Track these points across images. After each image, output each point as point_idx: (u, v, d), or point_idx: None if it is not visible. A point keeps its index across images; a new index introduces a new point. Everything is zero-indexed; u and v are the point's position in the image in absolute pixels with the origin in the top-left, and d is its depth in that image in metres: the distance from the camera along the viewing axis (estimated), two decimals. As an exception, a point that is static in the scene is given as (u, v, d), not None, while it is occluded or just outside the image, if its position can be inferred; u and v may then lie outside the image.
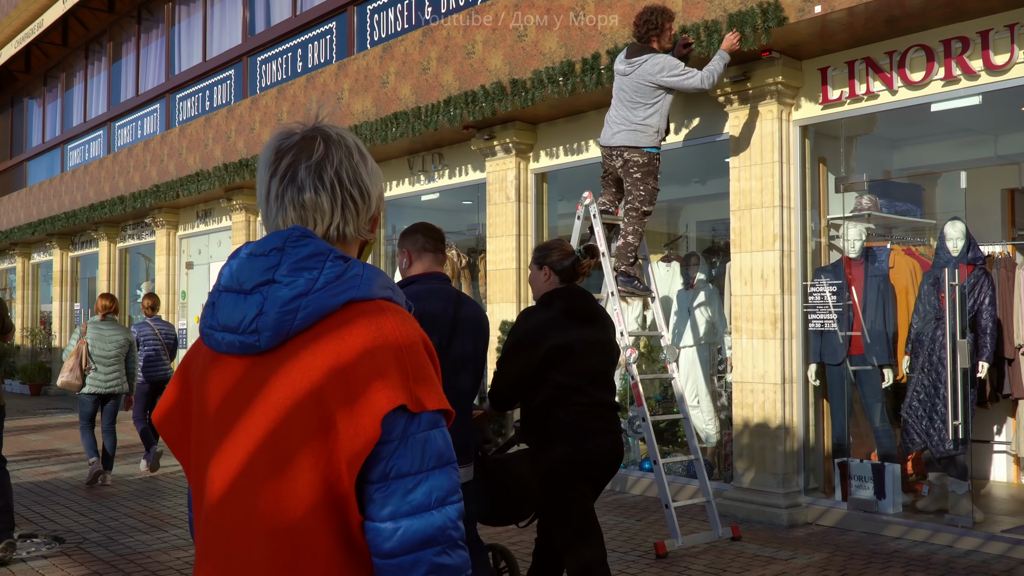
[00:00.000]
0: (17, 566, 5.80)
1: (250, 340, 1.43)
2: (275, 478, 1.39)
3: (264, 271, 1.45)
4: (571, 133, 8.94)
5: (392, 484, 1.37)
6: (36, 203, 19.72)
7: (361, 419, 1.35)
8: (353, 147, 1.55)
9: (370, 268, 1.49)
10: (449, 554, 1.38)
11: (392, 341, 1.40)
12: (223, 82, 14.93)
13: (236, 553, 1.41)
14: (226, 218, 14.48)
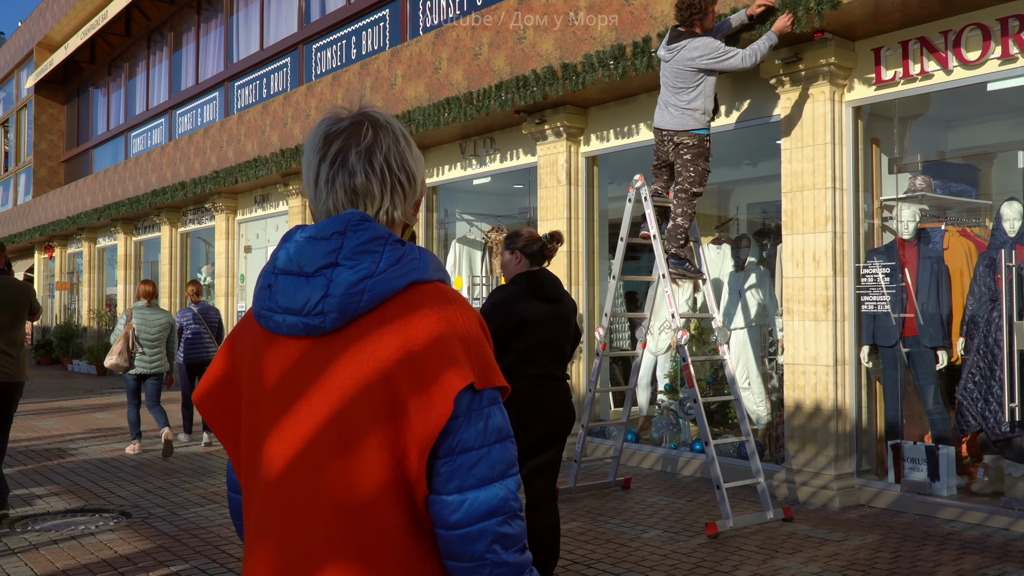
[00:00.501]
0: (87, 539, 6.06)
1: (315, 322, 1.46)
2: (342, 456, 1.42)
3: (327, 254, 1.47)
4: (622, 116, 8.96)
5: (458, 458, 1.42)
6: (101, 189, 20.27)
7: (433, 399, 1.41)
8: (399, 133, 1.59)
9: (425, 251, 1.54)
10: (510, 524, 1.44)
11: (458, 326, 1.46)
12: (279, 70, 15.19)
13: (300, 529, 1.44)
14: (283, 203, 14.75)
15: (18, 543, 5.93)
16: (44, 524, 6.51)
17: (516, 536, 1.45)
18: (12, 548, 5.80)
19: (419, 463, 1.42)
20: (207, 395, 1.61)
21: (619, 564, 5.41)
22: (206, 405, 1.61)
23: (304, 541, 1.44)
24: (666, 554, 5.61)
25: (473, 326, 1.49)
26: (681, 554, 5.62)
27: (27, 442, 10.37)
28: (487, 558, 1.42)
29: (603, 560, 5.49)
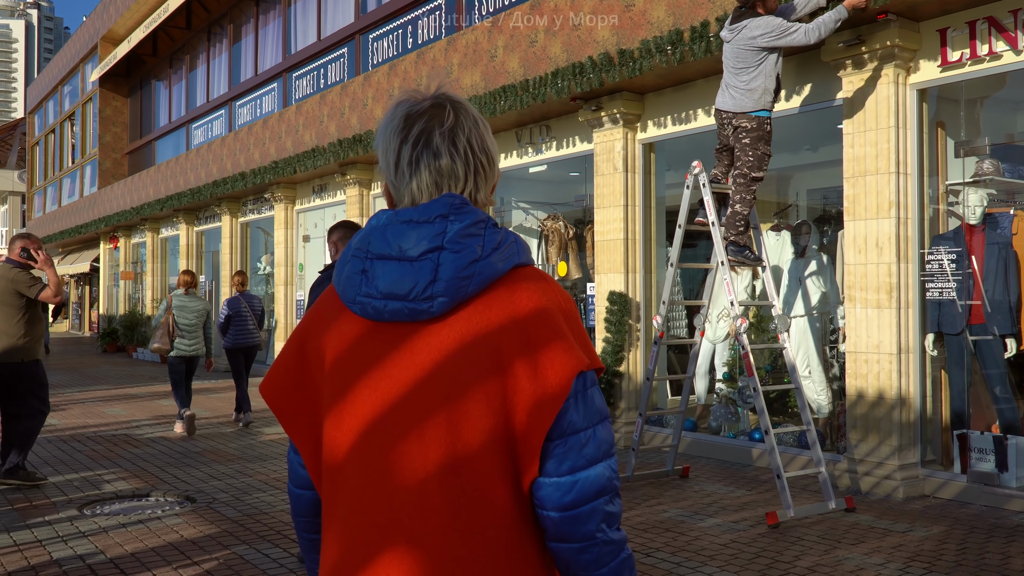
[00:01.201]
0: (154, 523, 6.21)
1: (423, 307, 1.44)
2: (452, 441, 1.42)
3: (432, 238, 1.46)
4: (679, 102, 8.87)
5: (570, 440, 1.44)
6: (164, 180, 20.67)
7: (546, 372, 1.42)
8: (477, 116, 1.58)
9: (518, 236, 1.54)
10: (613, 502, 1.47)
11: (559, 304, 1.48)
12: (337, 60, 15.31)
13: (410, 517, 1.43)
14: (340, 192, 14.89)
15: (88, 526, 6.10)
16: (112, 508, 6.68)
17: (618, 514, 1.48)
18: (83, 531, 5.97)
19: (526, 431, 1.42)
20: (277, 387, 1.60)
21: (678, 553, 5.38)
22: (276, 398, 1.59)
23: (414, 527, 1.43)
24: (725, 543, 5.57)
25: (571, 304, 1.52)
26: (741, 543, 5.57)
27: (95, 428, 10.65)
28: (597, 537, 1.45)
29: (662, 549, 5.47)
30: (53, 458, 8.61)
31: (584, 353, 1.48)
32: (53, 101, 33.26)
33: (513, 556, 1.44)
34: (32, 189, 36.87)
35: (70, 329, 35.94)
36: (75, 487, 7.31)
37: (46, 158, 34.45)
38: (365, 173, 13.89)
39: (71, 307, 36.57)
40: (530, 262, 1.54)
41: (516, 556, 1.45)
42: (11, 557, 5.37)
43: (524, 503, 1.46)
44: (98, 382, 16.13)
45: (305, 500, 1.67)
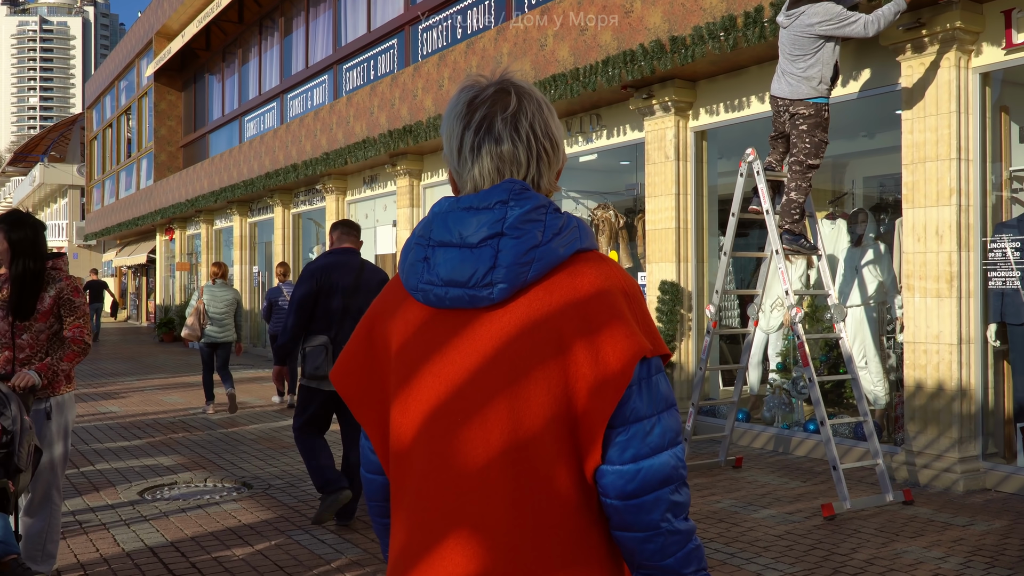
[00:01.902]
0: (212, 508, 6.32)
1: (483, 293, 1.44)
2: (514, 427, 1.42)
3: (492, 224, 1.45)
4: (732, 89, 8.77)
5: (632, 427, 1.42)
6: (218, 172, 20.98)
7: (608, 358, 1.40)
8: (542, 100, 1.56)
9: (580, 220, 1.53)
10: (680, 491, 1.44)
11: (622, 288, 1.46)
12: (386, 51, 15.39)
13: (474, 502, 1.43)
14: (391, 183, 14.98)
15: (150, 511, 6.23)
16: (172, 493, 6.82)
17: (685, 504, 1.45)
18: (144, 515, 6.10)
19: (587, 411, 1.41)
20: (345, 373, 1.61)
21: (732, 543, 5.34)
22: (345, 384, 1.61)
23: (477, 512, 1.43)
24: (780, 534, 5.51)
25: (635, 289, 1.50)
26: (796, 535, 5.51)
27: (154, 415, 10.86)
28: (661, 527, 1.43)
29: (715, 539, 5.43)
30: (115, 444, 8.80)
31: (648, 339, 1.46)
32: (110, 96, 33.91)
33: (576, 542, 1.43)
34: (91, 182, 37.67)
35: (128, 319, 36.68)
36: (136, 473, 7.47)
37: (104, 152, 35.16)
38: (415, 164, 13.95)
39: (129, 298, 37.33)
40: (593, 247, 1.51)
41: (579, 543, 1.44)
42: (77, 539, 5.51)
43: (587, 490, 1.45)
44: (156, 371, 16.45)
45: (376, 485, 1.69)
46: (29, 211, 4.71)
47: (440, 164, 13.63)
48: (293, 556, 5.19)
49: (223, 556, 5.19)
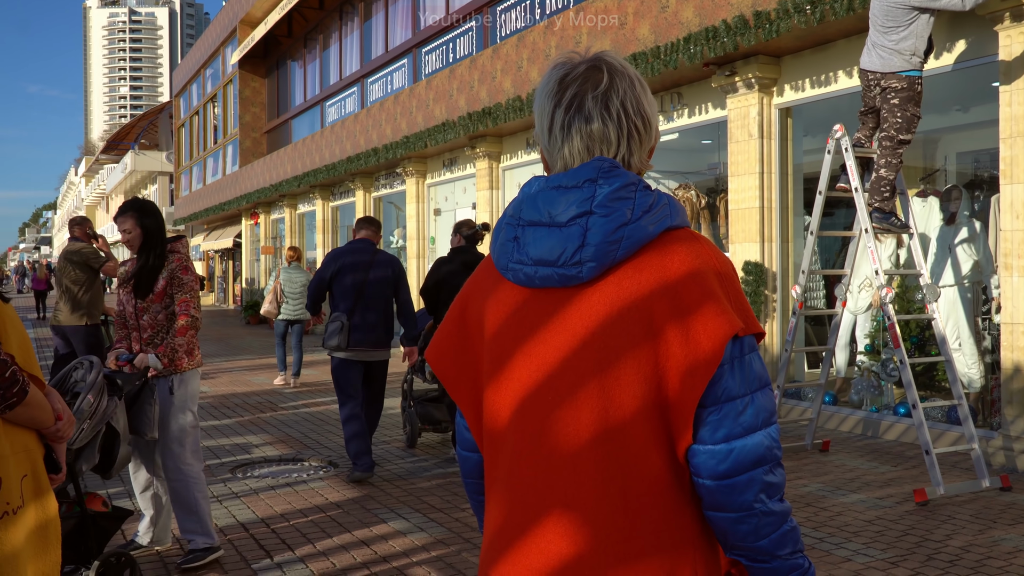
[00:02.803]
0: (300, 486, 6.46)
1: (572, 272, 1.44)
2: (604, 406, 1.42)
3: (580, 203, 1.45)
4: (818, 64, 8.54)
5: (724, 407, 1.40)
6: (300, 157, 21.35)
7: (698, 337, 1.38)
8: (634, 77, 1.54)
9: (672, 198, 1.50)
10: (774, 472, 1.42)
11: (713, 265, 1.44)
12: (465, 34, 15.41)
13: (564, 480, 1.43)
14: (470, 165, 15.04)
15: (240, 488, 6.40)
16: (261, 471, 6.99)
17: (780, 484, 1.43)
18: (235, 492, 6.27)
19: (679, 396, 1.39)
20: (440, 353, 1.62)
21: (820, 528, 5.25)
22: (440, 363, 1.62)
23: (568, 492, 1.43)
24: (870, 520, 5.39)
25: (727, 266, 1.47)
26: (887, 520, 5.38)
27: (243, 395, 11.15)
28: (755, 508, 1.41)
29: (803, 524, 5.34)
30: (206, 423, 9.06)
31: (741, 317, 1.43)
32: (196, 84, 34.75)
33: (668, 523, 1.42)
34: (179, 169, 38.73)
35: (215, 302, 37.70)
36: (227, 451, 7.68)
37: (191, 139, 36.09)
38: (494, 146, 13.97)
39: (216, 281, 38.35)
40: (684, 224, 1.49)
41: (671, 523, 1.42)
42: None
43: (679, 470, 1.43)
44: (243, 352, 16.87)
45: (472, 463, 1.71)
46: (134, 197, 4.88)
47: (519, 146, 13.62)
48: (378, 534, 5.27)
49: (310, 532, 5.30)
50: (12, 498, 2.26)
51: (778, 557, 1.44)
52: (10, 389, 2.21)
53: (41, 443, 2.43)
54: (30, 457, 2.36)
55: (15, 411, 2.26)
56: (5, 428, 2.28)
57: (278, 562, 4.78)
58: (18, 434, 2.32)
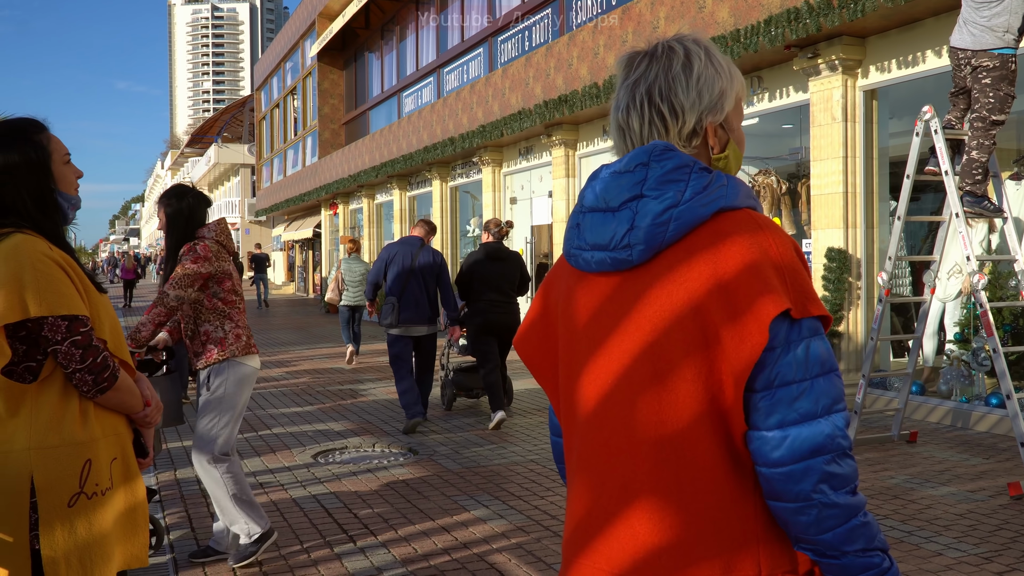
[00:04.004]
0: (381, 472, 6.55)
1: (622, 255, 1.45)
2: (656, 390, 1.41)
3: (631, 187, 1.46)
4: (905, 44, 8.29)
5: (778, 392, 1.36)
6: (378, 148, 21.59)
7: (747, 328, 1.35)
8: (678, 59, 1.51)
9: (734, 179, 1.48)
10: (839, 462, 1.36)
11: (771, 252, 1.39)
12: (541, 21, 15.37)
13: (617, 466, 1.45)
14: (546, 154, 15.01)
15: (323, 473, 6.52)
16: (343, 457, 7.11)
17: (846, 476, 1.36)
18: (318, 477, 6.39)
19: (735, 395, 1.37)
20: (524, 338, 1.65)
21: (908, 521, 5.11)
22: (523, 348, 1.65)
23: (621, 478, 1.44)
24: (961, 513, 5.23)
25: (787, 252, 1.41)
26: (979, 514, 5.21)
27: (323, 382, 11.36)
28: (814, 498, 1.35)
29: (891, 516, 5.21)
30: (288, 410, 9.26)
31: (799, 298, 1.37)
32: (277, 77, 35.41)
33: (726, 512, 1.39)
34: (260, 161, 39.54)
35: (296, 291, 38.45)
36: (309, 437, 7.84)
37: (272, 131, 36.81)
38: (571, 134, 13.92)
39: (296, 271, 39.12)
40: (744, 205, 1.45)
41: (729, 513, 1.39)
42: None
43: (738, 458, 1.40)
44: (323, 340, 17.17)
45: (559, 447, 1.73)
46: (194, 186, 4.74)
47: (595, 133, 13.54)
48: (458, 520, 5.32)
49: (392, 518, 5.37)
50: (101, 480, 2.34)
51: (847, 553, 1.37)
52: (102, 374, 2.30)
53: (130, 428, 2.52)
54: (120, 441, 2.44)
55: (106, 395, 2.34)
56: (97, 412, 2.36)
57: (361, 547, 4.86)
58: (108, 418, 2.40)
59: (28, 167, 2.39)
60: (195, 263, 4.30)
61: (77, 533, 2.28)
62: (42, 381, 2.30)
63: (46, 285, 2.25)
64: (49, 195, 2.42)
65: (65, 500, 2.26)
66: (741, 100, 1.57)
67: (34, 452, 2.24)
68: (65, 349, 2.27)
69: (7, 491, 2.22)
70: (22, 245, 2.28)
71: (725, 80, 1.53)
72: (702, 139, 1.53)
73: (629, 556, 1.42)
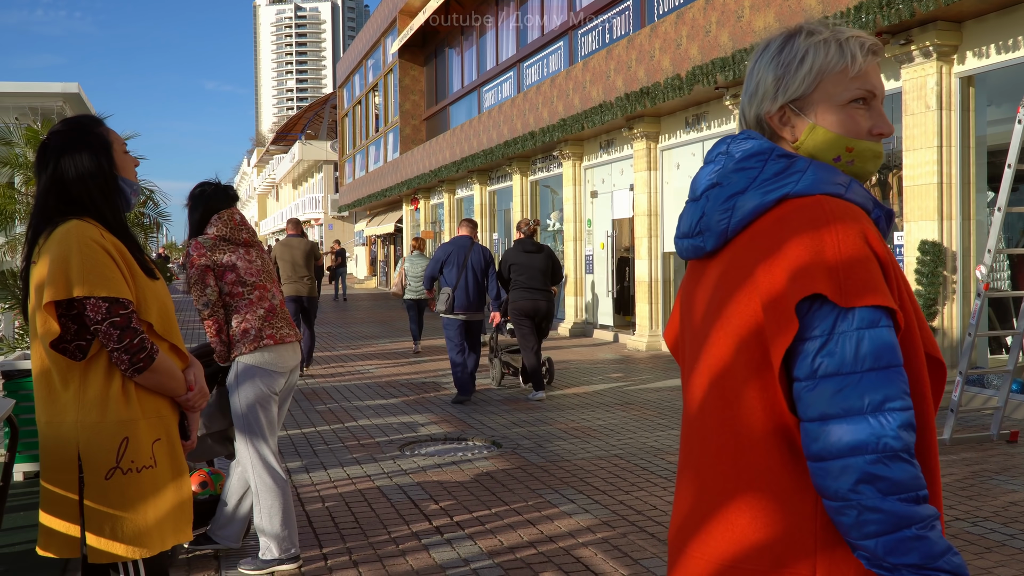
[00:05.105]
0: (465, 464, 6.59)
1: (698, 243, 1.50)
2: (726, 383, 1.42)
3: (710, 175, 1.50)
4: (1004, 28, 7.97)
5: (820, 383, 1.31)
6: (458, 143, 21.72)
7: (777, 312, 1.33)
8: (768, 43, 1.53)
9: (816, 165, 1.43)
10: (887, 464, 1.26)
11: (822, 232, 1.33)
12: (621, 13, 15.25)
13: (703, 458, 1.47)
14: (627, 147, 14.90)
15: (408, 464, 6.60)
16: (428, 449, 7.18)
17: (896, 480, 1.26)
18: (404, 469, 6.47)
19: (780, 384, 1.35)
20: (668, 332, 1.72)
21: (1011, 524, 4.93)
22: (668, 339, 1.72)
23: (707, 471, 1.46)
24: (1067, 516, 5.02)
25: (844, 227, 1.34)
26: (1086, 518, 5.00)
27: (407, 376, 11.49)
28: (851, 499, 1.27)
29: (991, 519, 5.03)
30: (374, 402, 9.39)
31: (846, 284, 1.31)
32: (358, 75, 35.91)
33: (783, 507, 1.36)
34: (342, 157, 40.18)
35: (377, 286, 38.98)
36: (395, 429, 7.93)
37: (354, 128, 37.36)
38: (652, 126, 13.78)
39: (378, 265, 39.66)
40: (817, 192, 1.40)
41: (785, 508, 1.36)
42: (343, 485, 5.94)
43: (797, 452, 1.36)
44: (406, 334, 17.34)
45: None
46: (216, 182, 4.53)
47: (678, 125, 13.38)
48: (543, 514, 5.32)
49: (477, 510, 5.40)
50: (139, 458, 2.52)
51: (898, 567, 1.27)
52: (138, 354, 2.48)
53: (175, 411, 2.68)
54: (163, 423, 2.61)
55: (144, 376, 2.51)
56: (139, 393, 2.54)
57: (447, 538, 4.90)
58: (151, 400, 2.57)
59: (92, 158, 2.59)
60: (190, 266, 4.22)
61: (112, 504, 2.49)
62: (90, 359, 2.50)
63: (90, 268, 2.44)
64: (112, 182, 2.63)
65: (103, 473, 2.48)
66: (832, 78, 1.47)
67: (80, 428, 2.48)
68: (104, 329, 2.45)
69: (61, 457, 2.50)
70: (73, 231, 2.48)
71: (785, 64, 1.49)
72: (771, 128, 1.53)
73: (721, 553, 1.42)
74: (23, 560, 4.55)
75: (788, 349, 1.35)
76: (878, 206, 1.48)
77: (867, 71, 1.48)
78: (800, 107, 1.48)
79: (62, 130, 2.62)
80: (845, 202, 1.39)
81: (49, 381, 2.52)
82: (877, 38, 7.16)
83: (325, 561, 4.57)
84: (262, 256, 4.44)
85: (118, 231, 2.61)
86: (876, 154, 1.48)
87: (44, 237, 2.52)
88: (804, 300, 1.33)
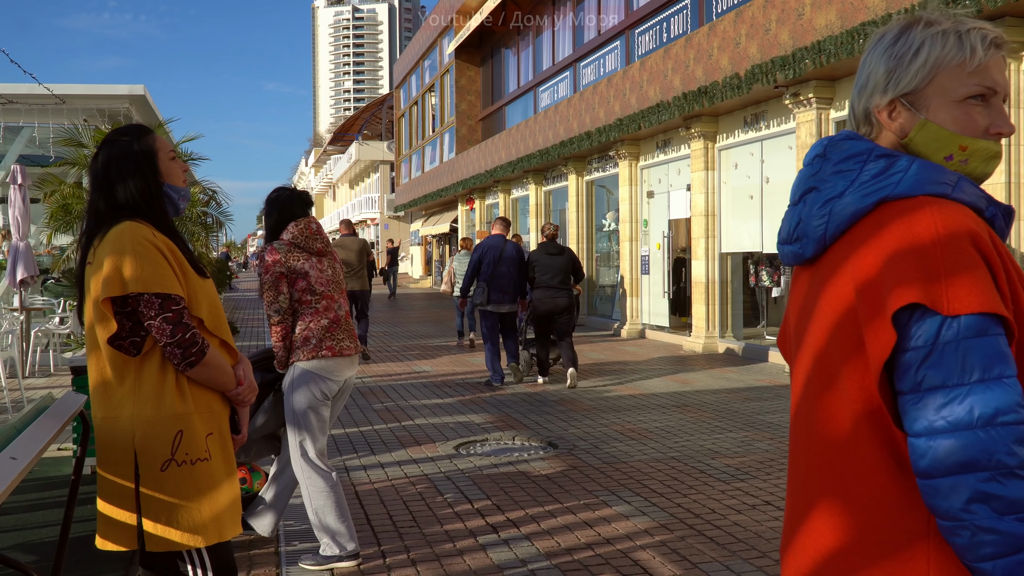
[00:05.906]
0: (521, 464, 6.61)
1: (796, 249, 1.46)
2: (825, 390, 1.38)
3: (807, 179, 1.46)
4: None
5: (925, 396, 1.25)
6: (514, 143, 21.76)
7: (876, 323, 1.29)
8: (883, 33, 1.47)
9: (920, 164, 1.37)
10: (1002, 482, 1.19)
11: (922, 236, 1.27)
12: (679, 12, 15.14)
13: (801, 464, 1.45)
14: (684, 146, 14.78)
15: (464, 464, 6.63)
16: (484, 449, 7.21)
17: (1012, 499, 1.19)
18: (461, 469, 6.50)
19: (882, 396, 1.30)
20: (780, 336, 1.67)
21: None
22: (780, 346, 1.67)
23: (803, 475, 1.45)
24: None
25: (946, 229, 1.27)
26: None
27: (462, 375, 11.54)
28: (963, 518, 1.21)
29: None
30: (430, 402, 9.45)
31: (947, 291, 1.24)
32: (415, 75, 36.17)
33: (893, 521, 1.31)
34: (399, 158, 40.50)
35: (432, 285, 39.22)
36: (451, 429, 7.98)
37: (411, 128, 37.63)
38: (710, 126, 13.66)
39: (433, 265, 39.92)
40: (920, 193, 1.33)
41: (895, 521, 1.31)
42: (401, 483, 5.99)
43: (903, 462, 1.30)
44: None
45: None
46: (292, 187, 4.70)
47: (736, 125, 13.24)
48: (600, 515, 5.31)
49: (533, 511, 5.41)
50: (193, 450, 2.61)
51: None
52: (189, 349, 2.56)
53: (226, 406, 2.76)
54: (215, 418, 2.70)
55: (195, 370, 2.60)
56: (192, 388, 2.63)
57: (504, 538, 4.92)
58: (203, 395, 2.66)
59: (137, 166, 2.69)
60: (265, 270, 4.35)
61: (167, 493, 2.58)
62: (144, 355, 2.59)
63: (144, 265, 2.53)
64: (156, 188, 2.71)
65: (158, 465, 2.57)
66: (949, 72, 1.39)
67: (136, 421, 2.57)
68: (157, 324, 2.54)
69: (118, 449, 2.60)
70: (127, 230, 2.58)
71: (898, 57, 1.42)
72: (880, 123, 1.46)
73: (810, 559, 1.41)
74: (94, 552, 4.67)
75: (890, 361, 1.30)
76: (993, 204, 1.39)
77: (988, 66, 1.39)
78: (912, 102, 1.41)
79: (110, 139, 2.73)
80: (950, 202, 1.33)
81: (104, 377, 2.61)
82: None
83: (384, 559, 4.62)
84: (334, 266, 4.56)
85: (169, 231, 2.71)
86: (993, 154, 1.40)
87: (99, 239, 2.62)
88: (904, 309, 1.27)
